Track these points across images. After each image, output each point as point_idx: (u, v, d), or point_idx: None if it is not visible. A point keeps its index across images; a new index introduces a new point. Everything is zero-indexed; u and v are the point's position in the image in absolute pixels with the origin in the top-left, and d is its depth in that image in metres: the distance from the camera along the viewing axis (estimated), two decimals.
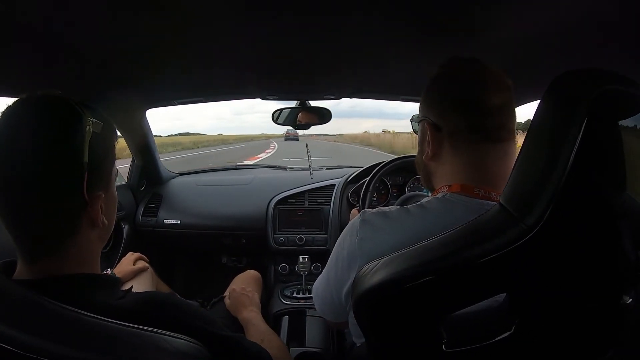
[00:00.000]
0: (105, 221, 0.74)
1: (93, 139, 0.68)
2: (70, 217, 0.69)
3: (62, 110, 0.68)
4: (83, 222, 0.70)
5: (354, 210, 1.75)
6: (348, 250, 0.83)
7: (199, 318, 0.76)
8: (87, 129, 0.68)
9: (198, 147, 32.53)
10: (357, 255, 0.79)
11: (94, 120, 0.70)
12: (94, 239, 0.74)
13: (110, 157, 0.76)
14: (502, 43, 1.08)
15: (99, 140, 0.70)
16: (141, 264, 1.60)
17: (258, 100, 2.07)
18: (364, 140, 45.29)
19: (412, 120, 0.96)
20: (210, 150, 27.30)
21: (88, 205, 0.69)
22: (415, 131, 0.97)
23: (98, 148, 0.70)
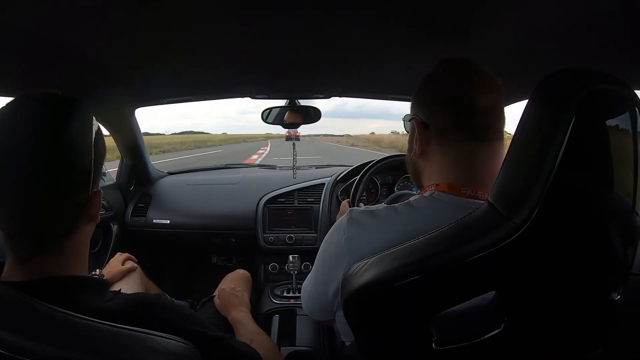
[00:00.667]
0: (98, 217, 0.76)
1: (96, 137, 0.71)
2: (73, 214, 0.70)
3: (77, 111, 0.70)
4: (82, 219, 0.72)
5: (345, 202, 1.72)
6: (335, 249, 0.83)
7: (188, 319, 0.76)
8: (95, 128, 0.71)
9: (152, 154, 21.86)
10: (344, 254, 0.79)
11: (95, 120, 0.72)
12: (87, 234, 0.75)
13: (104, 154, 0.78)
14: (496, 42, 1.08)
15: (99, 139, 0.73)
16: (130, 264, 1.59)
17: (263, 100, 2.05)
18: (394, 142, 35.88)
19: (404, 119, 0.96)
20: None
21: (89, 201, 0.71)
22: (407, 130, 0.97)
23: (99, 146, 0.72)
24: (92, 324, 0.59)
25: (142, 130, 2.21)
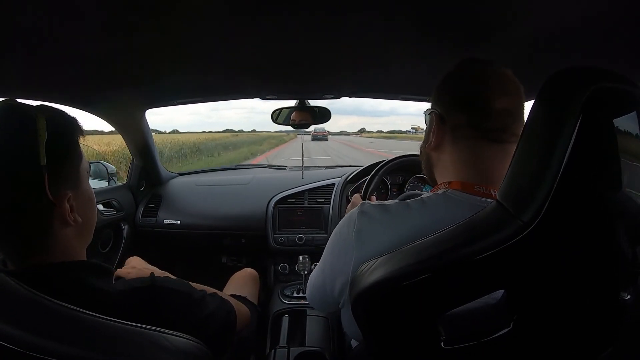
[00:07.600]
0: (79, 218, 0.76)
1: (51, 140, 0.70)
2: (39, 216, 0.71)
3: (14, 117, 0.71)
4: (55, 221, 0.73)
5: (357, 195, 1.67)
6: (345, 241, 0.83)
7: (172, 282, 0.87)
8: (41, 132, 0.69)
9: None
10: (353, 248, 0.79)
11: (49, 121, 0.71)
12: (71, 236, 0.76)
13: (73, 154, 0.78)
14: (503, 43, 1.08)
15: (58, 140, 0.73)
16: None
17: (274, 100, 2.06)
18: None
19: (424, 113, 0.97)
20: None
21: (56, 204, 0.71)
22: (426, 123, 0.98)
23: (57, 148, 0.72)
24: (103, 321, 0.60)
25: (163, 127, 2.19)
